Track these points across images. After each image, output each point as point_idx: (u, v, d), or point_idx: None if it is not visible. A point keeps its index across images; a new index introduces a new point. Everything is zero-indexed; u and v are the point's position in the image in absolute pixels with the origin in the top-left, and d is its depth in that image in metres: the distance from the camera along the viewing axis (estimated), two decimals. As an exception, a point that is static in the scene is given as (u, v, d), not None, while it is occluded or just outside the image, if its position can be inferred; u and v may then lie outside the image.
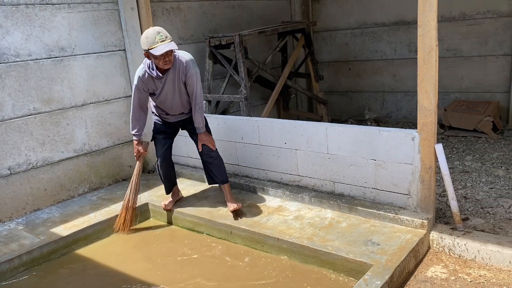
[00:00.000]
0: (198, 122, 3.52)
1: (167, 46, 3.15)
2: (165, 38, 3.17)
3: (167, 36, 3.21)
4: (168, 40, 3.19)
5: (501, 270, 2.77)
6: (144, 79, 3.39)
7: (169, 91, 3.44)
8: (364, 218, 3.35)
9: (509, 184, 3.88)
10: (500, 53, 5.61)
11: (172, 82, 3.39)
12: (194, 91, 3.42)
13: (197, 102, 3.45)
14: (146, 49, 3.21)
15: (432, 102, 2.94)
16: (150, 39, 3.17)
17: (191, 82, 3.38)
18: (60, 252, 3.52)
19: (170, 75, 3.36)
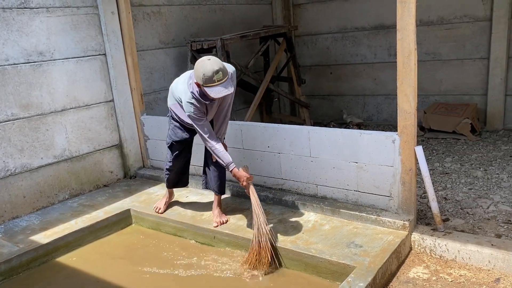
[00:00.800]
0: (222, 133, 3.38)
1: (225, 89, 2.90)
2: (222, 77, 2.89)
3: (225, 73, 2.92)
4: (225, 78, 2.91)
5: (480, 269, 2.82)
6: (199, 107, 3.12)
7: (215, 106, 3.29)
8: (346, 221, 3.37)
9: (488, 185, 3.96)
10: (477, 57, 5.73)
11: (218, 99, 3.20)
12: (228, 104, 3.25)
13: (227, 115, 3.32)
14: (201, 84, 2.94)
15: (412, 105, 2.99)
16: (207, 77, 2.86)
17: (230, 96, 3.19)
18: (40, 260, 3.45)
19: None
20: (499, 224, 3.23)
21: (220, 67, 2.90)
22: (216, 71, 2.87)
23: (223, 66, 2.94)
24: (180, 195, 4.22)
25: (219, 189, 3.65)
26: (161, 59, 5.36)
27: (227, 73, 2.96)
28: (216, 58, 2.98)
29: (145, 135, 4.89)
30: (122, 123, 4.77)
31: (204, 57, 3.00)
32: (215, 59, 2.96)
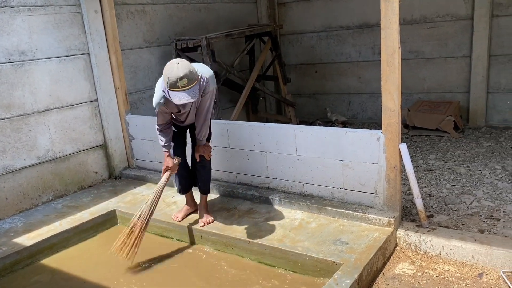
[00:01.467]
0: (203, 135, 3.35)
1: (187, 97, 2.85)
2: (187, 84, 2.83)
3: (192, 80, 2.86)
4: (190, 85, 2.85)
5: (464, 264, 2.87)
6: (165, 105, 3.13)
7: (187, 108, 3.26)
8: (333, 218, 3.40)
9: (471, 181, 4.02)
10: (460, 55, 5.82)
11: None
12: (206, 107, 3.22)
13: (207, 117, 3.27)
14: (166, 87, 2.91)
15: (396, 103, 3.02)
16: (171, 81, 2.83)
17: (206, 98, 3.17)
18: (24, 263, 3.40)
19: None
20: (482, 220, 3.29)
21: (185, 74, 2.82)
22: (181, 78, 2.81)
23: (190, 73, 2.85)
24: (166, 195, 4.19)
25: (204, 189, 3.64)
26: (145, 58, 5.32)
27: (194, 80, 2.87)
28: (186, 63, 2.90)
29: (130, 135, 4.85)
30: (107, 123, 4.72)
31: (174, 60, 2.94)
32: (185, 64, 2.89)
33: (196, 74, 2.93)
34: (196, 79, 2.91)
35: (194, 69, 2.93)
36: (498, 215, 3.34)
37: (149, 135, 4.55)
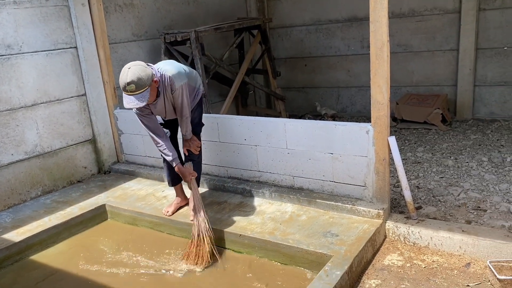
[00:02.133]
0: (184, 130, 3.35)
1: (134, 102, 2.87)
2: (135, 89, 2.83)
3: (140, 86, 2.84)
4: (138, 91, 2.84)
5: (452, 255, 2.91)
6: (139, 109, 3.14)
7: (162, 107, 3.23)
8: (323, 211, 3.42)
9: (458, 173, 4.08)
10: (447, 48, 5.87)
11: (162, 99, 3.17)
12: (179, 104, 3.19)
13: (183, 113, 3.25)
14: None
15: (385, 96, 3.04)
16: (121, 84, 2.87)
17: (176, 96, 3.15)
18: (13, 258, 3.38)
19: (161, 94, 3.13)
20: (469, 211, 3.34)
21: (133, 80, 2.81)
22: (128, 83, 2.82)
23: (138, 79, 2.82)
24: (157, 190, 4.19)
25: (197, 182, 3.63)
26: (134, 52, 5.28)
27: (142, 86, 2.84)
28: (138, 69, 2.87)
29: (119, 129, 4.82)
30: (95, 117, 4.68)
31: (129, 64, 2.92)
32: (136, 69, 2.86)
33: (147, 81, 2.86)
34: (146, 86, 2.86)
35: (146, 75, 2.86)
36: (485, 206, 3.39)
37: (138, 130, 4.52)
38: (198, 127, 3.52)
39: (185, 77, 3.19)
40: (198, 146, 3.47)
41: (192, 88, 3.38)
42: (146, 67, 2.93)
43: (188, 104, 3.24)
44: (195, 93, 3.42)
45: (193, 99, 3.41)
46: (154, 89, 3.02)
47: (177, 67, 3.20)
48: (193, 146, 3.43)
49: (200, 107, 3.53)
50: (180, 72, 3.16)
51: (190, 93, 3.36)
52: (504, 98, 5.64)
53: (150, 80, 2.90)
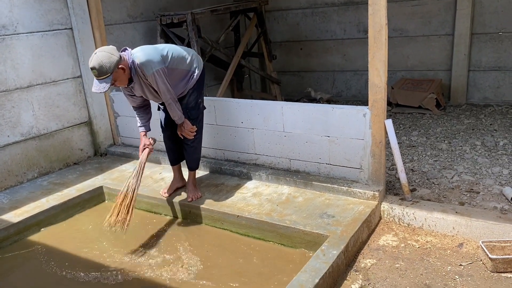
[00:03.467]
0: (172, 116, 3.34)
1: (97, 86, 2.95)
2: (98, 75, 2.91)
3: (102, 73, 2.90)
4: (101, 77, 2.91)
5: (445, 235, 2.98)
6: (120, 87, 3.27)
7: (140, 91, 3.26)
8: (319, 193, 3.47)
9: (452, 157, 4.14)
10: (442, 33, 5.89)
11: (139, 84, 3.19)
12: (159, 90, 3.19)
13: (164, 99, 3.24)
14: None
15: (382, 79, 3.07)
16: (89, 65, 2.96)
17: (151, 82, 3.14)
18: (11, 239, 3.40)
19: (136, 79, 3.15)
20: (462, 193, 3.40)
21: (94, 65, 2.88)
22: (91, 68, 2.91)
23: (100, 66, 2.87)
24: (154, 172, 4.21)
25: (189, 166, 3.65)
26: (129, 34, 5.24)
27: (104, 73, 2.90)
28: (104, 55, 2.91)
29: (115, 111, 4.82)
30: (91, 99, 4.67)
31: (98, 49, 3.00)
32: (100, 55, 2.90)
33: (109, 68, 2.90)
34: (107, 73, 2.91)
35: (109, 62, 2.90)
36: (478, 188, 3.46)
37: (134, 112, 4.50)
38: (193, 110, 3.45)
39: (159, 63, 3.11)
40: (191, 131, 3.42)
41: (185, 71, 3.35)
42: (112, 55, 2.93)
43: (168, 90, 3.18)
44: (189, 76, 3.38)
45: (187, 83, 3.38)
46: (121, 75, 3.02)
47: (149, 53, 3.11)
48: (185, 131, 3.40)
49: (197, 91, 3.47)
50: (151, 59, 3.08)
51: (181, 76, 3.33)
52: (498, 83, 5.69)
53: (113, 68, 2.92)
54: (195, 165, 3.68)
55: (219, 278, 2.78)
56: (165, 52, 3.23)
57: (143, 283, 2.81)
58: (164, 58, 3.19)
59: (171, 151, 3.68)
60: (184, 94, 3.40)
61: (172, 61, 3.24)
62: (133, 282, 2.82)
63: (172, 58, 3.24)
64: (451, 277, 2.58)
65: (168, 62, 3.21)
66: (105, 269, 2.96)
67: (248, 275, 2.79)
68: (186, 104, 3.40)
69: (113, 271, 2.94)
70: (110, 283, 2.83)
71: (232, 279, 2.75)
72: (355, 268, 2.74)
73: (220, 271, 2.86)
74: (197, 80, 3.43)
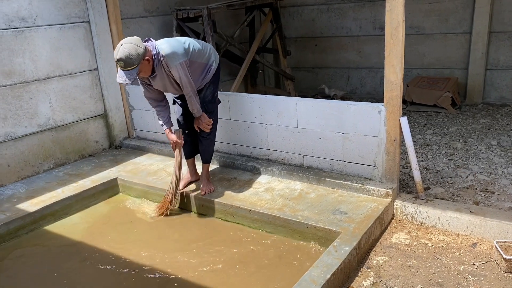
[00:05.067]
0: (191, 109, 3.38)
1: (122, 78, 3.02)
2: (124, 66, 2.98)
3: (129, 64, 2.97)
4: (126, 68, 2.98)
5: (459, 235, 2.96)
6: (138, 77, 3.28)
7: (161, 83, 3.30)
8: (332, 189, 3.47)
9: (467, 156, 4.10)
10: (460, 31, 5.81)
11: (161, 75, 3.22)
12: (181, 82, 3.22)
13: (186, 92, 3.28)
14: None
15: (398, 76, 3.05)
16: (115, 59, 3.02)
17: (174, 74, 3.19)
18: (27, 228, 3.47)
19: (158, 70, 3.19)
20: (477, 193, 3.37)
21: (121, 57, 2.94)
22: (118, 60, 2.96)
23: (127, 57, 2.93)
24: (167, 165, 4.25)
25: (204, 159, 3.69)
26: (145, 28, 5.27)
27: (130, 64, 2.96)
28: (130, 47, 2.96)
29: (130, 105, 4.86)
30: (107, 92, 4.72)
31: (124, 40, 3.03)
32: (127, 47, 2.96)
33: (136, 59, 2.96)
34: (134, 64, 2.97)
35: (135, 54, 2.95)
36: (493, 188, 3.42)
37: (149, 106, 4.47)
38: (210, 104, 3.51)
39: (183, 56, 3.16)
40: (208, 124, 3.47)
41: (203, 65, 3.39)
42: (138, 46, 2.99)
43: (190, 82, 3.23)
44: (206, 70, 3.42)
45: (204, 76, 3.42)
46: (146, 66, 3.09)
47: (174, 46, 3.16)
48: (202, 124, 3.44)
49: (214, 85, 3.50)
50: (175, 51, 3.13)
51: (200, 70, 3.37)
52: (516, 82, 5.61)
53: (139, 59, 2.98)
54: (209, 158, 3.70)
55: (229, 270, 2.80)
56: (187, 45, 3.27)
57: (157, 272, 2.84)
58: (187, 51, 3.23)
59: (186, 144, 3.71)
60: (201, 88, 3.44)
61: (193, 54, 3.28)
62: (146, 272, 2.86)
63: (193, 51, 3.28)
64: (464, 276, 2.56)
65: (190, 54, 3.25)
66: (118, 259, 3.01)
67: (259, 269, 2.81)
68: (203, 97, 3.43)
69: (126, 261, 2.98)
70: (124, 273, 2.87)
71: (243, 272, 2.77)
72: (367, 265, 2.74)
73: (229, 262, 2.88)
74: (214, 74, 3.47)
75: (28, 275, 2.94)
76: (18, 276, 2.94)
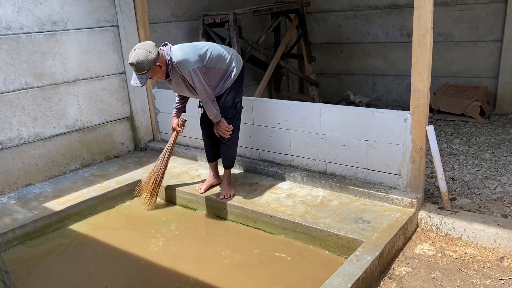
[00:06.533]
0: (208, 115, 3.37)
1: (134, 80, 3.12)
2: (136, 70, 3.08)
3: (140, 68, 3.05)
4: (139, 72, 3.07)
5: (485, 248, 2.88)
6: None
7: (176, 87, 3.37)
8: (355, 197, 3.43)
9: (495, 167, 3.99)
10: (490, 39, 5.68)
11: (176, 80, 3.29)
12: (195, 88, 3.24)
13: (201, 98, 3.28)
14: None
15: (425, 84, 3.00)
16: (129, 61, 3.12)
17: (188, 80, 3.22)
18: (53, 226, 3.54)
19: (173, 75, 3.25)
20: (506, 205, 3.28)
21: (132, 62, 3.03)
22: (130, 64, 3.06)
23: (138, 62, 3.01)
24: (190, 168, 4.28)
25: (224, 164, 3.68)
26: (172, 33, 5.35)
27: (141, 69, 3.04)
28: (142, 52, 3.03)
29: (156, 108, 4.93)
30: (134, 95, 4.80)
31: (137, 45, 3.12)
32: (139, 52, 3.03)
33: (146, 65, 3.03)
34: (144, 70, 3.05)
35: (146, 60, 3.02)
36: (522, 201, 3.32)
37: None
38: (229, 110, 3.46)
39: (196, 62, 3.16)
40: (227, 130, 3.43)
41: (222, 71, 3.38)
42: (150, 52, 3.05)
43: (204, 88, 3.22)
44: (227, 76, 3.41)
45: (224, 82, 3.40)
46: (158, 71, 3.17)
47: (187, 52, 3.18)
48: (220, 130, 3.41)
49: (235, 91, 3.47)
50: (187, 58, 3.14)
51: (219, 76, 3.37)
52: (548, 92, 5.44)
53: (150, 65, 3.06)
54: (229, 164, 3.70)
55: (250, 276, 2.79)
56: (204, 51, 3.28)
57: (178, 275, 2.86)
58: (202, 57, 3.24)
59: (208, 148, 3.74)
60: (221, 93, 3.44)
61: (210, 60, 3.28)
62: (167, 274, 2.88)
63: (211, 57, 3.29)
64: (490, 291, 2.49)
65: (206, 61, 3.26)
66: (140, 261, 3.04)
67: (280, 276, 2.79)
68: (223, 103, 3.44)
69: (148, 263, 3.01)
70: (146, 274, 2.90)
71: (264, 278, 2.76)
72: (389, 275, 2.69)
73: (250, 269, 2.87)
74: (235, 80, 3.45)
75: (53, 273, 3.00)
76: (43, 274, 3.00)
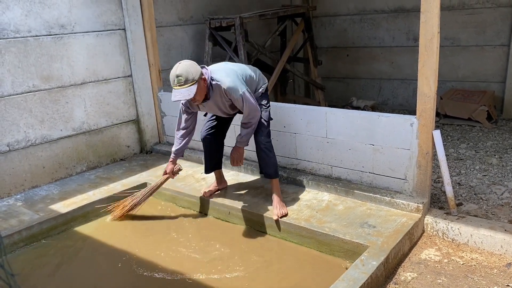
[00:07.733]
0: (240, 136, 3.29)
1: (180, 95, 2.92)
2: (183, 83, 2.91)
3: (188, 80, 2.91)
4: (186, 85, 2.91)
5: (492, 254, 2.86)
6: (187, 104, 3.28)
7: (211, 108, 3.27)
8: (360, 202, 3.41)
9: (502, 172, 3.96)
10: (498, 43, 5.65)
11: (214, 102, 3.18)
12: (246, 110, 3.15)
13: (251, 118, 3.19)
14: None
15: (432, 89, 2.99)
16: (171, 78, 2.96)
17: (238, 104, 3.13)
18: (59, 228, 3.56)
19: (213, 96, 3.13)
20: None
21: (182, 72, 2.89)
22: (177, 75, 2.91)
23: (187, 72, 2.90)
24: (196, 171, 4.29)
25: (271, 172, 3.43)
26: (179, 36, 5.37)
27: (191, 80, 2.91)
28: (190, 63, 2.97)
29: (162, 111, 4.94)
30: (140, 98, 4.82)
31: (181, 61, 3.02)
32: (187, 63, 2.96)
33: (196, 75, 2.92)
34: (194, 80, 2.92)
35: (195, 70, 2.94)
36: (530, 207, 3.29)
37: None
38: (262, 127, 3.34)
39: (244, 85, 3.12)
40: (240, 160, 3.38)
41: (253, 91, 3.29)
42: (196, 65, 2.99)
43: (257, 108, 3.17)
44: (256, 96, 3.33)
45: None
46: (203, 88, 3.02)
47: (231, 75, 3.11)
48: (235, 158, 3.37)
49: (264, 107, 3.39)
50: (236, 82, 3.09)
51: None
52: (556, 97, 5.40)
53: (199, 76, 2.95)
54: (270, 172, 3.42)
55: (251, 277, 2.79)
56: (240, 74, 3.20)
57: (190, 280, 2.86)
58: (240, 79, 3.17)
59: (207, 157, 3.69)
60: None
61: (246, 81, 3.23)
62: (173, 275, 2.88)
63: (246, 80, 3.23)
64: (497, 297, 2.47)
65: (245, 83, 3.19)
66: (146, 263, 3.04)
67: (284, 280, 2.78)
68: None
69: (154, 265, 3.01)
70: (154, 277, 2.90)
71: (268, 282, 2.75)
72: (395, 280, 2.67)
73: (256, 271, 2.87)
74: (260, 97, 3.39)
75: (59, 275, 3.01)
76: (49, 276, 3.01)
